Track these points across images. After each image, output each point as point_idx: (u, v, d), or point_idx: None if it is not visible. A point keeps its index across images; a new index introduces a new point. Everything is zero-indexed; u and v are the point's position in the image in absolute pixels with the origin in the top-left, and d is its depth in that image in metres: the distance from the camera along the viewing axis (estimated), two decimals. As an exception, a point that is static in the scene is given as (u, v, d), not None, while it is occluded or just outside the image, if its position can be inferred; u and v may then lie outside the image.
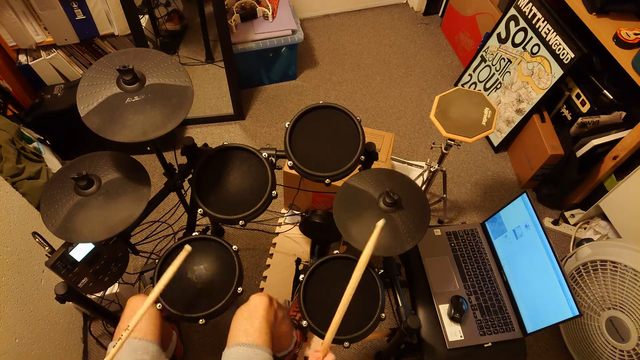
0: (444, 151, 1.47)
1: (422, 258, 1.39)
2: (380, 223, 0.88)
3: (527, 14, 1.87)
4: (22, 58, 1.87)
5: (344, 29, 2.67)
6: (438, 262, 1.39)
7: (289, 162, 1.07)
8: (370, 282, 1.07)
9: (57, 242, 1.00)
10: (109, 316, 1.33)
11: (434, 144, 1.56)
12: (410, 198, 1.03)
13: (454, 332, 1.25)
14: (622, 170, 1.64)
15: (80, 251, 1.05)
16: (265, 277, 1.69)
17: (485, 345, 1.25)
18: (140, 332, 0.98)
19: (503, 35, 2.02)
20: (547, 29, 1.78)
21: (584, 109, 1.74)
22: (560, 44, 1.72)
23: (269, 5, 2.14)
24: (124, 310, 1.04)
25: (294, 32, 2.12)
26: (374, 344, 1.58)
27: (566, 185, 1.82)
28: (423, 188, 1.70)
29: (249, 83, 2.33)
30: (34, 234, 1.04)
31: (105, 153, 1.05)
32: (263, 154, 1.11)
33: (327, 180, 1.05)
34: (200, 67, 2.33)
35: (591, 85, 1.72)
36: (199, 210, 1.05)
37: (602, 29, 1.54)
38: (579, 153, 1.69)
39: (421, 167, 1.99)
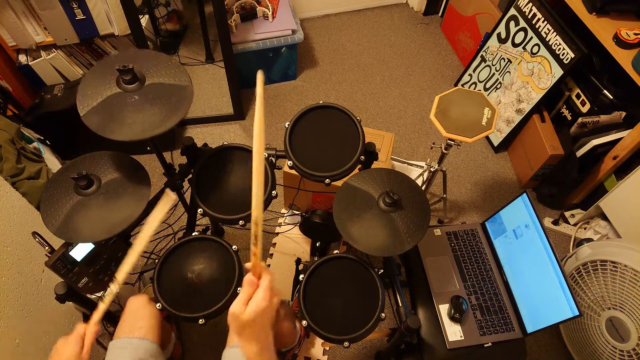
0: (444, 151, 1.47)
1: (422, 258, 1.39)
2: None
3: (527, 14, 1.87)
4: (22, 58, 1.87)
5: (344, 29, 2.67)
6: (438, 262, 1.39)
7: (289, 162, 1.07)
8: (370, 282, 1.07)
9: (57, 242, 1.00)
10: (109, 316, 1.32)
11: (434, 144, 1.56)
12: (410, 198, 1.03)
13: (454, 332, 1.25)
14: (622, 170, 1.64)
15: (80, 251, 1.05)
16: (265, 277, 1.69)
17: (485, 345, 1.24)
18: (141, 331, 0.98)
19: (503, 35, 2.02)
20: (547, 29, 1.78)
21: (584, 109, 1.74)
22: (560, 44, 1.72)
23: (269, 5, 2.14)
24: (124, 310, 1.04)
25: (294, 32, 2.12)
26: (374, 344, 1.58)
27: (566, 185, 1.82)
28: (423, 188, 1.70)
29: (249, 83, 2.33)
30: (34, 234, 1.04)
31: (105, 153, 1.05)
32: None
33: (327, 180, 1.05)
34: (200, 67, 2.33)
35: (591, 85, 1.72)
36: (199, 210, 1.05)
37: (602, 29, 1.54)
38: (579, 153, 1.69)
39: (421, 167, 1.99)
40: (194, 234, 1.09)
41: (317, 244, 1.44)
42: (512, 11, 1.95)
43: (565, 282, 1.15)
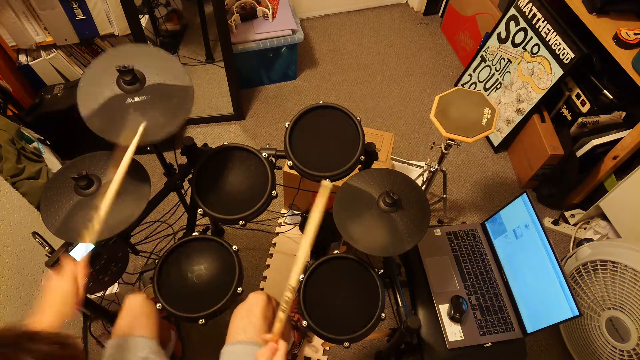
0: (444, 151, 1.47)
1: (422, 258, 1.39)
2: (326, 183, 0.84)
3: (527, 14, 1.87)
4: (22, 58, 1.87)
5: (344, 29, 2.67)
6: (438, 262, 1.39)
7: (289, 162, 1.07)
8: (370, 282, 1.07)
9: (57, 242, 1.00)
10: (109, 316, 1.33)
11: (434, 144, 1.56)
12: (410, 198, 1.03)
13: (454, 332, 1.25)
14: (622, 170, 1.64)
15: (80, 251, 1.05)
16: (265, 277, 1.69)
17: (485, 345, 1.25)
18: (139, 330, 0.98)
19: (503, 35, 2.02)
20: (547, 29, 1.78)
21: (584, 109, 1.74)
22: (560, 44, 1.72)
23: (269, 5, 2.14)
24: (121, 309, 1.04)
25: (294, 32, 2.12)
26: (374, 344, 1.58)
27: (566, 185, 1.82)
28: (423, 188, 1.70)
29: (249, 83, 2.33)
30: (34, 234, 1.04)
31: (105, 153, 1.05)
32: (263, 154, 1.11)
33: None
34: (200, 67, 2.33)
35: (591, 85, 1.71)
36: (199, 210, 1.05)
37: (602, 29, 1.54)
38: (579, 153, 1.69)
39: (421, 167, 1.99)
40: (194, 234, 1.09)
41: (317, 244, 1.44)
42: (512, 11, 1.95)
43: (565, 282, 1.15)
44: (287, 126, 1.08)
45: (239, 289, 1.03)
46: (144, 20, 2.07)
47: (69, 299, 0.79)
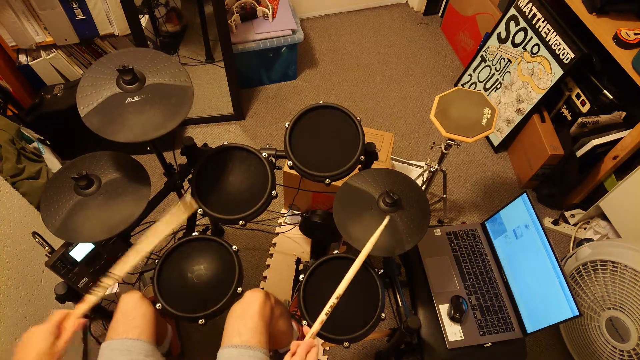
0: (444, 151, 1.47)
1: (422, 258, 1.39)
2: (386, 221, 0.92)
3: (527, 14, 1.87)
4: (22, 58, 1.87)
5: (344, 29, 2.67)
6: (438, 262, 1.39)
7: (289, 162, 1.07)
8: (370, 282, 1.07)
9: (57, 242, 1.00)
10: (109, 316, 1.32)
11: (434, 144, 1.56)
12: (410, 198, 1.03)
13: (454, 332, 1.25)
14: (622, 170, 1.64)
15: (80, 251, 1.05)
16: (265, 277, 1.69)
17: (485, 345, 1.25)
18: (135, 332, 0.97)
19: (503, 35, 2.02)
20: (547, 29, 1.78)
21: (584, 109, 1.74)
22: (560, 44, 1.72)
23: (269, 5, 2.14)
24: (116, 309, 1.03)
25: (294, 32, 2.12)
26: (374, 344, 1.58)
27: (566, 185, 1.82)
28: (423, 188, 1.70)
29: (249, 83, 2.33)
30: (34, 234, 1.04)
31: (105, 153, 1.05)
32: (263, 154, 1.11)
33: (327, 180, 1.05)
34: (200, 67, 2.33)
35: (591, 85, 1.71)
36: (199, 210, 1.05)
37: (602, 29, 1.54)
38: (579, 153, 1.69)
39: (421, 167, 1.99)
40: (194, 234, 1.09)
41: (317, 244, 1.44)
42: (512, 11, 1.95)
43: (565, 282, 1.15)
44: (287, 126, 1.08)
45: (239, 289, 1.03)
46: (144, 20, 2.07)
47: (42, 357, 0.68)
